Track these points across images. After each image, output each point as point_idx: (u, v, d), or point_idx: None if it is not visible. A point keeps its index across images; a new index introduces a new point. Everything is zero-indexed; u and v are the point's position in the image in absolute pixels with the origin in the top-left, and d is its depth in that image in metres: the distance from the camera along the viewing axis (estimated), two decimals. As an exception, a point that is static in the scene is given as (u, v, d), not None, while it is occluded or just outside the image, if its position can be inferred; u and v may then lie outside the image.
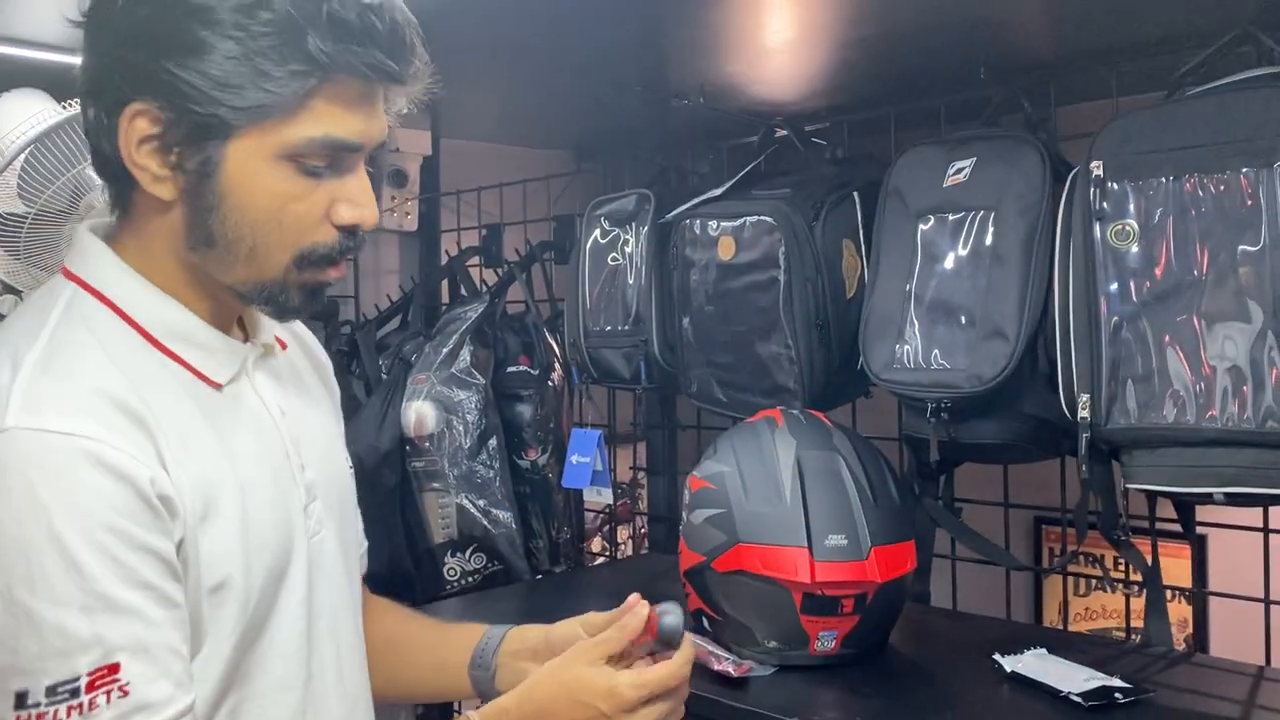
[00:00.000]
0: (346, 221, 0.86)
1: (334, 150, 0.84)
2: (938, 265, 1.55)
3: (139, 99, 0.81)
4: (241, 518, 0.85)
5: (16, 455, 0.74)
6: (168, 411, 0.82)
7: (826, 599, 1.38)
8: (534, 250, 2.37)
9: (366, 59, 0.81)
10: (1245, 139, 1.29)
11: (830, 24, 1.57)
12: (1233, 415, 1.29)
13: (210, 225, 0.83)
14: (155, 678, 0.77)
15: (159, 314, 0.86)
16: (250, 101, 0.79)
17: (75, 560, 0.74)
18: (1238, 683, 1.40)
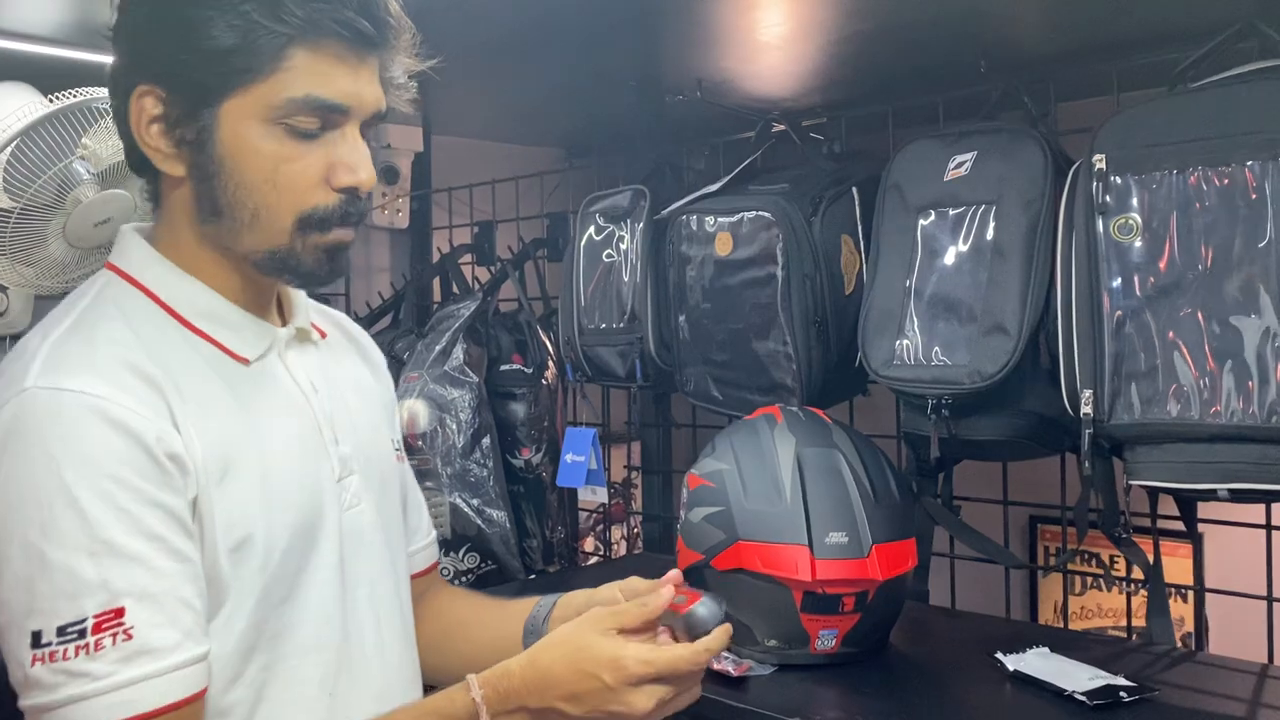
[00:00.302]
0: (344, 184, 0.89)
1: (320, 111, 0.87)
2: (938, 260, 1.54)
3: (143, 82, 0.88)
4: (262, 480, 0.89)
5: (33, 412, 0.81)
6: (188, 381, 0.88)
7: (827, 597, 1.36)
8: (527, 247, 2.35)
9: (336, 16, 0.85)
10: (1250, 132, 1.28)
11: (827, 18, 1.55)
12: (1237, 411, 1.28)
13: (215, 194, 0.89)
14: (161, 624, 0.81)
15: (188, 296, 0.92)
16: (231, 66, 0.85)
17: (82, 508, 0.79)
18: (1242, 681, 1.39)
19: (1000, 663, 1.39)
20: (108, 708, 0.79)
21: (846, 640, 1.40)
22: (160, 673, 0.81)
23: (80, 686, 0.78)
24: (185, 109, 0.87)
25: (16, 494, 0.80)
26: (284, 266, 0.92)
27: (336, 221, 0.91)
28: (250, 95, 0.86)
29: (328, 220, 0.90)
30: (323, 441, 0.98)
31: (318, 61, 0.86)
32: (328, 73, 0.87)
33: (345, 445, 1.00)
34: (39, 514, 0.79)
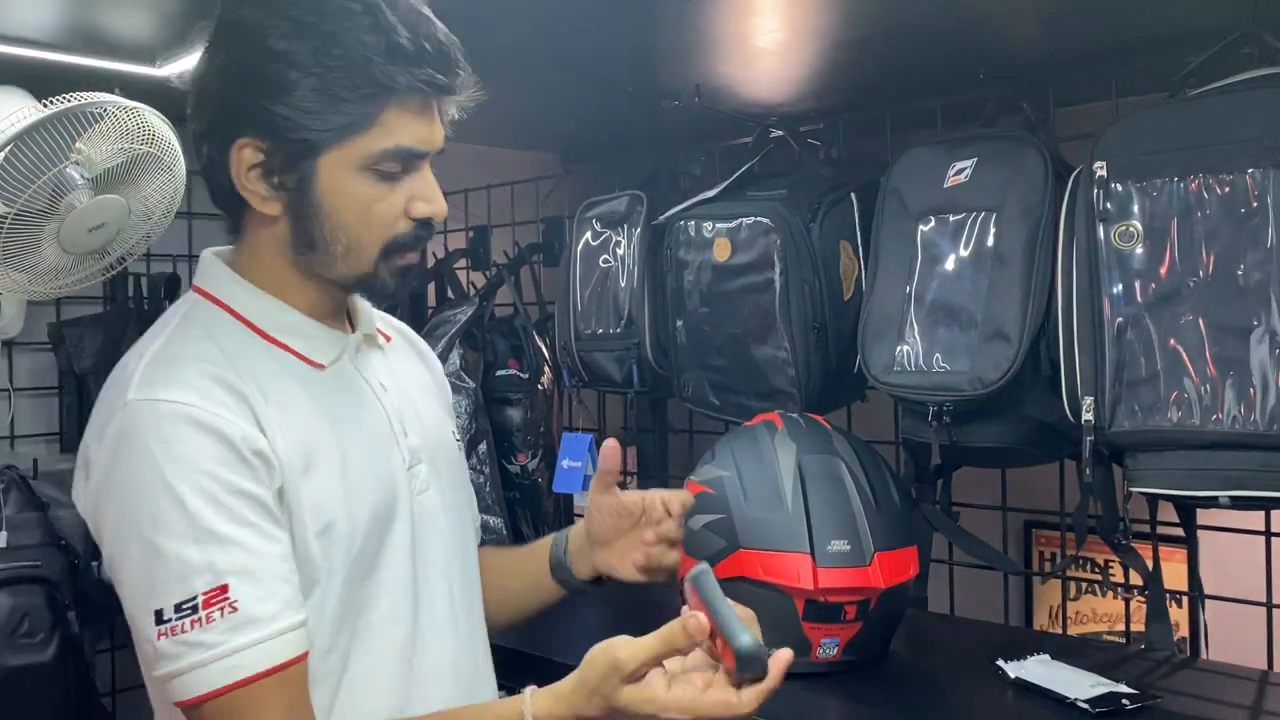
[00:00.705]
0: (422, 215, 1.02)
1: (404, 157, 0.99)
2: (939, 266, 1.54)
3: (243, 134, 0.99)
4: (342, 471, 1.00)
5: (135, 422, 0.94)
6: (270, 386, 0.99)
7: (829, 605, 1.36)
8: (523, 252, 2.35)
9: (421, 77, 0.97)
10: (1251, 139, 1.28)
11: (825, 24, 1.55)
12: (1239, 417, 1.28)
13: (311, 231, 1.01)
14: (262, 597, 0.92)
15: (266, 312, 1.05)
16: (332, 125, 0.96)
17: (184, 502, 0.91)
18: (1242, 688, 1.39)
19: (1002, 670, 1.38)
20: (222, 671, 0.90)
21: (848, 649, 1.40)
22: (264, 639, 0.92)
23: (198, 655, 0.90)
24: (285, 159, 0.98)
25: (130, 495, 0.93)
26: (367, 287, 1.07)
27: (411, 246, 1.03)
28: (347, 148, 0.97)
29: (406, 246, 1.03)
30: (393, 434, 1.08)
31: (404, 115, 0.98)
32: (411, 124, 0.98)
33: (413, 437, 1.11)
34: (149, 510, 0.91)
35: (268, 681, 0.92)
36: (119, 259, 1.82)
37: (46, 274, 1.73)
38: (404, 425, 1.10)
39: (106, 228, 1.72)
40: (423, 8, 1.00)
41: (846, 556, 1.36)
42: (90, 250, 1.75)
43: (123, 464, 0.93)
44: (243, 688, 0.91)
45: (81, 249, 1.73)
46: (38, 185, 1.60)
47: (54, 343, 2.20)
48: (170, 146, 1.69)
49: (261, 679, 0.91)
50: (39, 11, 1.52)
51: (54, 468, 2.13)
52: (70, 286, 1.78)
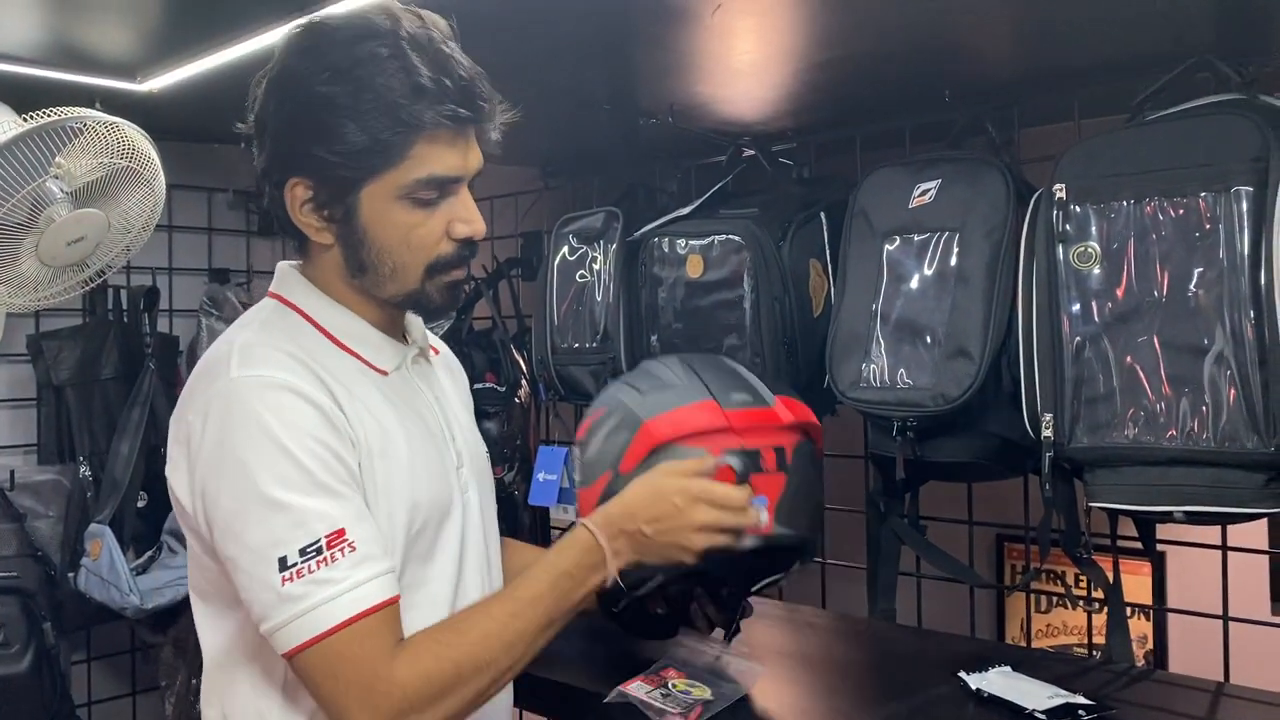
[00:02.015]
0: (462, 235, 1.11)
1: (439, 185, 1.08)
2: (903, 285, 1.57)
3: (294, 175, 1.09)
4: (409, 464, 1.11)
5: (243, 395, 1.04)
6: (346, 380, 1.10)
7: (747, 453, 1.23)
8: (501, 267, 2.37)
9: (445, 112, 1.05)
10: (1204, 164, 1.32)
11: (797, 47, 1.58)
12: (1192, 434, 1.31)
13: (360, 256, 1.11)
14: (373, 539, 1.04)
15: (337, 320, 1.15)
16: (368, 162, 1.06)
17: (298, 459, 1.01)
18: (1198, 699, 1.42)
19: (964, 682, 1.41)
20: (351, 602, 1.00)
21: (779, 516, 1.23)
22: (381, 573, 1.03)
23: (327, 590, 0.99)
24: (331, 195, 1.09)
25: (247, 457, 1.01)
26: (416, 304, 1.16)
27: (455, 265, 1.13)
28: (384, 181, 1.07)
29: (449, 265, 1.12)
30: (446, 437, 1.20)
31: (434, 147, 1.06)
32: (442, 154, 1.07)
33: (460, 442, 1.22)
34: (268, 467, 1.01)
35: (386, 612, 1.02)
36: (98, 272, 1.83)
37: (26, 286, 1.75)
38: (452, 430, 1.22)
39: (86, 241, 1.74)
40: (447, 44, 1.09)
41: (749, 402, 1.29)
42: (70, 263, 1.77)
43: (235, 431, 1.02)
44: (367, 617, 1.00)
45: (61, 262, 1.75)
46: (17, 199, 1.62)
47: (33, 355, 2.21)
48: (150, 161, 1.72)
49: (381, 610, 1.02)
50: (21, 27, 1.54)
51: (30, 479, 2.14)
52: (49, 299, 1.80)
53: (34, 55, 1.65)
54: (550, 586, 1.11)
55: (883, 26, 1.44)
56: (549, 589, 1.10)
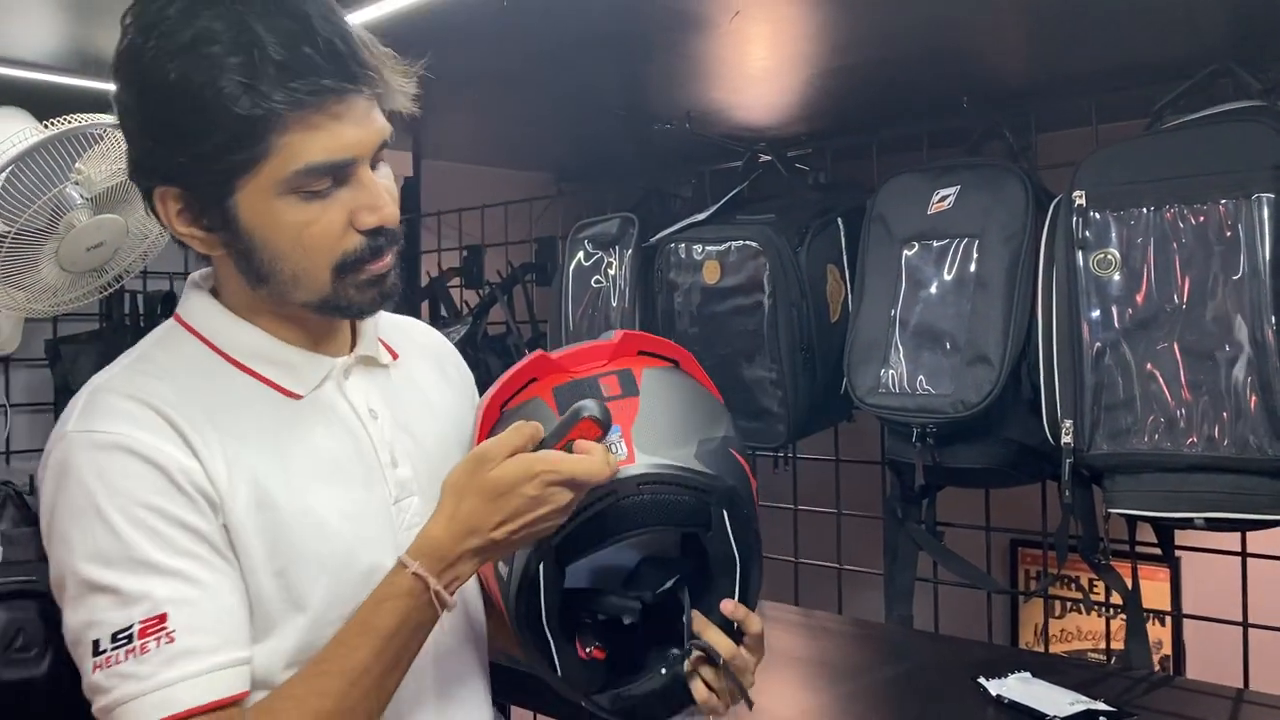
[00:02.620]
0: (369, 225, 0.94)
1: (325, 172, 0.90)
2: (922, 291, 1.57)
3: (159, 184, 0.93)
4: (303, 508, 0.95)
5: (72, 456, 0.90)
6: (226, 419, 0.95)
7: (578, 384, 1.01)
8: (515, 272, 2.38)
9: (308, 88, 0.87)
10: (1224, 171, 1.32)
11: (813, 53, 1.58)
12: (1213, 441, 1.31)
13: (254, 266, 0.95)
14: (200, 629, 0.88)
15: (241, 340, 1.00)
16: (231, 162, 0.89)
17: (119, 532, 0.88)
18: (1218, 706, 1.42)
19: (983, 688, 1.41)
20: (153, 705, 0.86)
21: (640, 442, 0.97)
22: (199, 673, 0.87)
23: (130, 686, 0.86)
24: (204, 201, 0.92)
25: (69, 526, 0.89)
26: (334, 309, 0.98)
27: (370, 259, 0.95)
28: (258, 178, 0.89)
29: (361, 261, 0.95)
30: (379, 466, 1.02)
31: (309, 130, 0.88)
32: (321, 136, 0.89)
33: (405, 468, 1.04)
34: (87, 541, 0.88)
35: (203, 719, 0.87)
36: (116, 277, 1.84)
37: (45, 292, 1.75)
38: (394, 455, 1.03)
39: (104, 246, 1.74)
40: (305, 3, 0.89)
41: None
42: (88, 269, 1.78)
43: (63, 495, 0.90)
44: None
45: (80, 267, 1.75)
46: (38, 205, 1.62)
47: (50, 359, 2.22)
48: (169, 167, 1.72)
49: (195, 715, 0.86)
50: (40, 34, 1.55)
51: (49, 483, 2.14)
52: (68, 304, 1.81)
53: (53, 62, 1.66)
54: (375, 655, 0.91)
55: (899, 32, 1.44)
56: (374, 658, 0.91)
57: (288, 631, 0.94)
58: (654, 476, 0.94)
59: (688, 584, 1.02)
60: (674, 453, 0.96)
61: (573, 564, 0.98)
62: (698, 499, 0.95)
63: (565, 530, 0.93)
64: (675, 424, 0.99)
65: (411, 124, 0.99)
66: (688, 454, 0.97)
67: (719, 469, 0.98)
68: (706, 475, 0.96)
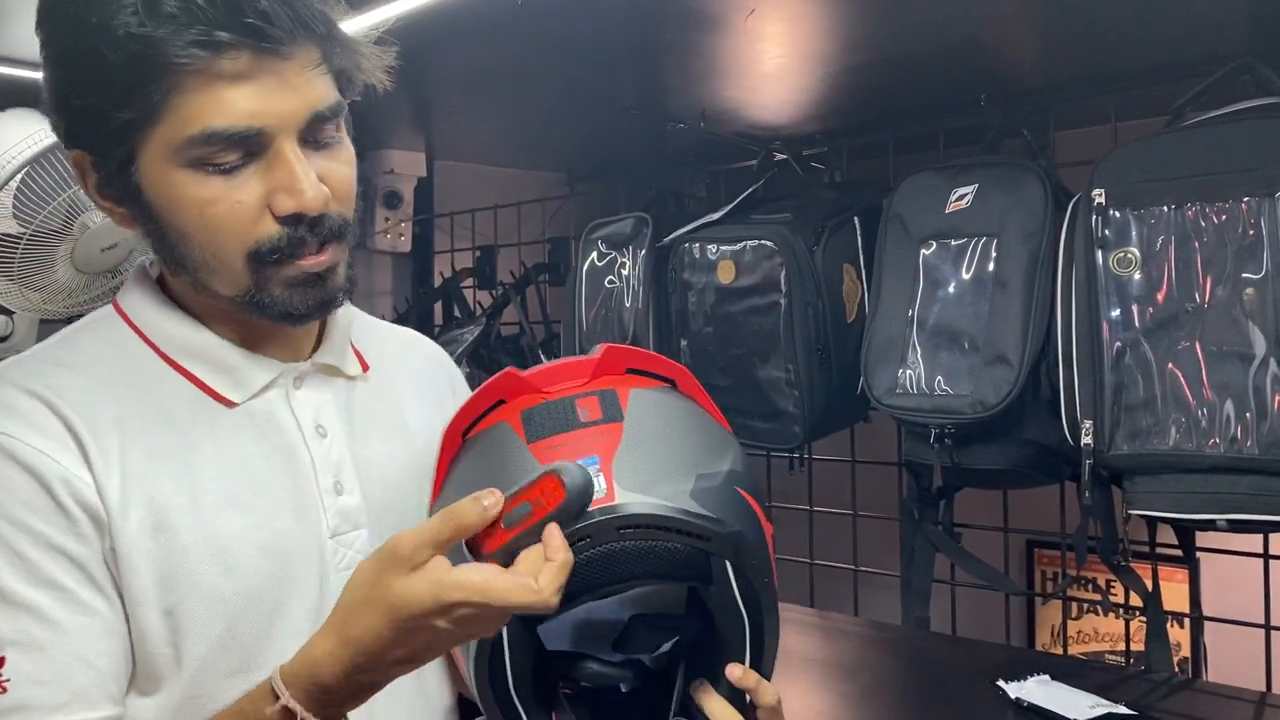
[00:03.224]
0: (285, 211, 0.80)
1: (230, 141, 0.77)
2: (940, 290, 1.56)
3: (73, 147, 0.83)
4: (206, 536, 0.81)
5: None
6: (138, 427, 0.82)
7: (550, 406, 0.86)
8: (529, 272, 2.37)
9: (197, 39, 0.74)
10: (1246, 168, 1.30)
11: (828, 51, 1.57)
12: (1235, 442, 1.29)
13: (168, 246, 0.83)
14: (45, 681, 0.75)
15: (173, 334, 0.87)
16: (120, 120, 0.77)
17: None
18: (1240, 710, 1.40)
19: (1002, 690, 1.40)
20: None
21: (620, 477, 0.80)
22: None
23: None
24: (109, 168, 0.81)
25: None
26: (260, 308, 0.83)
27: (291, 253, 0.81)
28: (152, 144, 0.78)
29: (277, 252, 0.81)
30: (315, 491, 0.87)
31: (208, 90, 0.76)
32: (222, 99, 0.76)
33: (352, 496, 0.89)
34: None
35: None
36: (131, 278, 1.84)
37: (60, 293, 1.76)
38: (340, 480, 0.89)
39: (119, 247, 1.75)
40: None
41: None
42: (103, 269, 1.78)
43: None
44: None
45: (94, 268, 1.76)
46: (53, 206, 1.63)
47: (65, 360, 2.23)
48: (183, 168, 1.72)
49: None
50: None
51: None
52: (82, 305, 1.81)
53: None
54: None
55: (915, 29, 1.43)
56: None
57: (175, 687, 0.80)
58: (638, 519, 0.76)
59: (688, 647, 0.86)
60: (664, 490, 0.79)
61: (544, 624, 0.82)
62: (693, 547, 0.77)
63: None
64: (667, 455, 0.82)
65: (424, 124, 0.93)
66: (681, 492, 0.80)
67: (721, 511, 0.80)
68: (704, 519, 0.78)
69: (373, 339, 1.00)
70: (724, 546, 0.79)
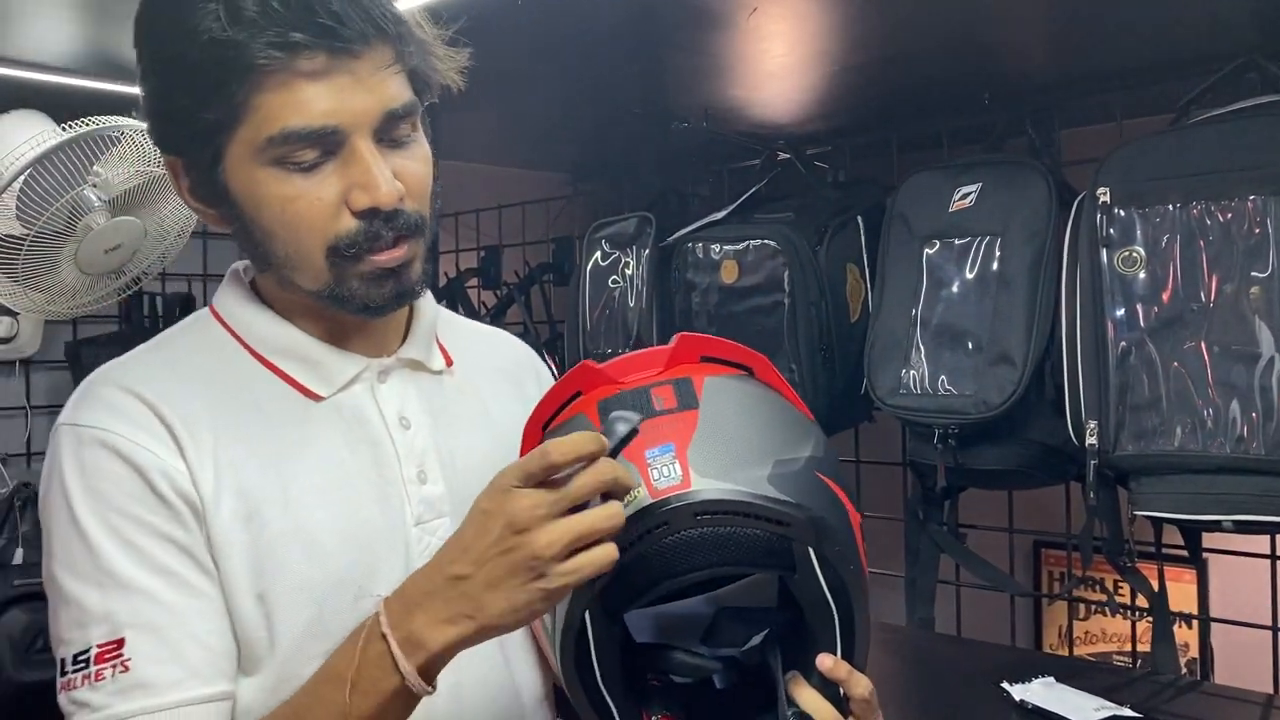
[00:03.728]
0: (361, 206, 0.83)
1: (308, 140, 0.81)
2: (944, 290, 1.55)
3: (166, 153, 0.88)
4: (295, 526, 0.85)
5: (59, 448, 0.83)
6: (232, 421, 0.86)
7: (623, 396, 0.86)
8: (533, 272, 2.37)
9: (275, 41, 0.77)
10: (1252, 166, 1.29)
11: (831, 49, 1.57)
12: (1241, 442, 1.28)
13: (253, 245, 0.87)
14: (162, 659, 0.79)
15: (263, 332, 0.91)
16: (206, 122, 0.81)
17: (90, 540, 0.80)
18: (1247, 712, 1.39)
19: (1007, 693, 1.39)
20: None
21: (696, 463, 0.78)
22: (155, 709, 0.78)
23: (82, 717, 0.78)
24: (199, 171, 0.85)
25: (50, 527, 0.83)
26: (340, 302, 0.87)
27: (369, 248, 0.84)
28: (236, 144, 0.82)
29: (355, 248, 0.84)
30: (400, 481, 0.91)
31: (286, 90, 0.79)
32: (300, 99, 0.80)
33: (436, 485, 0.92)
34: (59, 546, 0.82)
35: None
36: (134, 279, 1.84)
37: (64, 294, 1.76)
38: (423, 470, 0.92)
39: (123, 248, 1.75)
40: None
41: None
42: (107, 270, 1.78)
43: (48, 494, 0.84)
44: None
45: (98, 269, 1.76)
46: (56, 207, 1.63)
47: (70, 361, 2.22)
48: (186, 169, 1.72)
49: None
50: (58, 37, 1.55)
51: (69, 484, 2.15)
52: (87, 306, 1.81)
53: (71, 64, 1.66)
54: (317, 701, 0.78)
55: (919, 27, 1.42)
56: (315, 703, 0.78)
57: (271, 670, 0.83)
58: (714, 504, 0.76)
59: (779, 638, 0.85)
60: (742, 476, 0.78)
61: (630, 614, 0.81)
62: (773, 533, 0.77)
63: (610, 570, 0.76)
64: (744, 442, 0.81)
65: (428, 124, 0.93)
66: (759, 478, 0.79)
67: (801, 496, 0.79)
68: (782, 503, 0.77)
69: (459, 336, 1.04)
70: (805, 532, 0.78)
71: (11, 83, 1.66)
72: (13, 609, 1.91)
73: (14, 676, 1.86)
